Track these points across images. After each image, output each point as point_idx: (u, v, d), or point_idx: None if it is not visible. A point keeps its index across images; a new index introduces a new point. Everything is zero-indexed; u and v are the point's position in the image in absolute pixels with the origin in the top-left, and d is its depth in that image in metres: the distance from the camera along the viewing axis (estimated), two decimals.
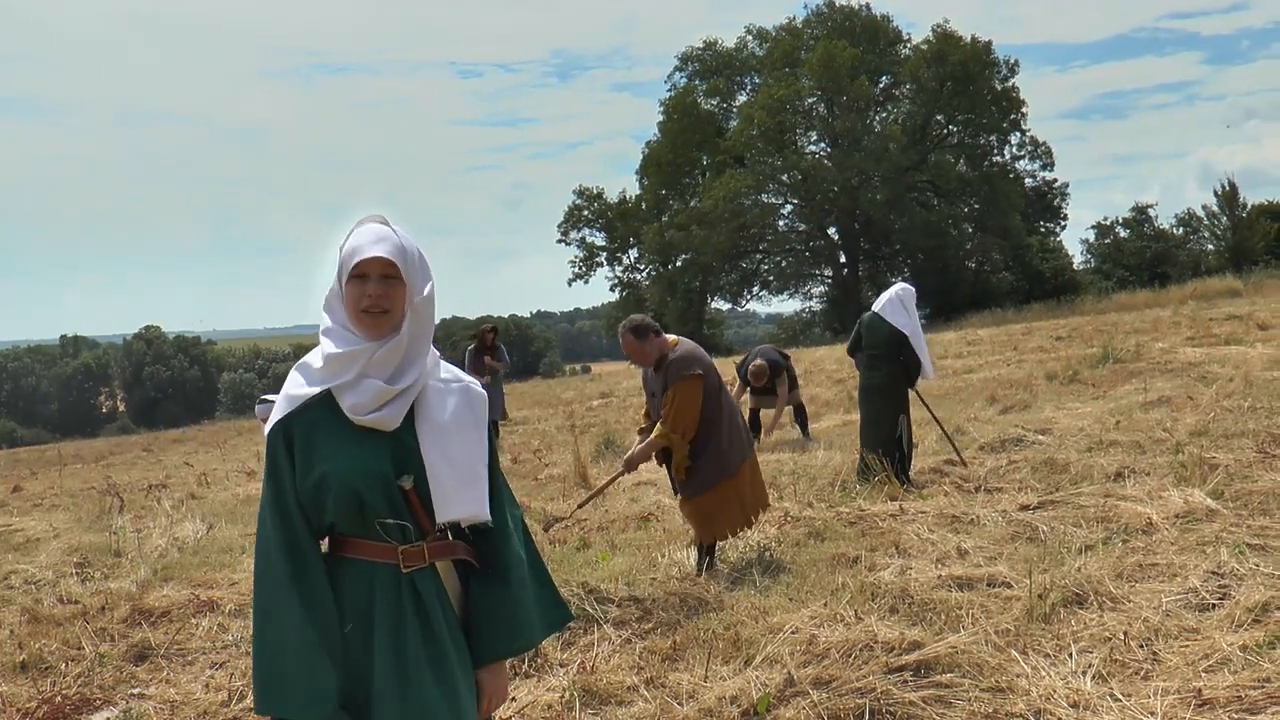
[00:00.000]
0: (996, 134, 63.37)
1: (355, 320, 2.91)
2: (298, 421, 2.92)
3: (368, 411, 2.90)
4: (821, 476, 10.95)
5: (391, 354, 2.91)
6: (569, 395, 31.23)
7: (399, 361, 2.93)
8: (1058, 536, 7.78)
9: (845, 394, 19.96)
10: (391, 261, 2.88)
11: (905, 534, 8.23)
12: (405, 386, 2.93)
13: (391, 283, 2.90)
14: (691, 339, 7.97)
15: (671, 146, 65.52)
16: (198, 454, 26.36)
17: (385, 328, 2.91)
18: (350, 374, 2.89)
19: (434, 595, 2.97)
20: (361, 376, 2.89)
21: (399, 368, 2.93)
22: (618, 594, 6.90)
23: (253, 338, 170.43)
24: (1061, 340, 26.14)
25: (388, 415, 2.91)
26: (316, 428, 2.91)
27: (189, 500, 14.48)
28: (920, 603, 6.39)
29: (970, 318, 44.73)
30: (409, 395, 2.95)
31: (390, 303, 2.90)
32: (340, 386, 2.90)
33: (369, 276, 2.89)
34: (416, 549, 2.95)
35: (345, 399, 2.90)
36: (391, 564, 2.93)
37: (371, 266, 2.89)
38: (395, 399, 2.92)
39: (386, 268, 2.89)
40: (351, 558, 2.94)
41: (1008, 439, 11.86)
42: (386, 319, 2.90)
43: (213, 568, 9.08)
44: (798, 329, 66.58)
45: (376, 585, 2.92)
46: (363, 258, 2.88)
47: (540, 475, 13.90)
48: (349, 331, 2.93)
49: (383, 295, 2.89)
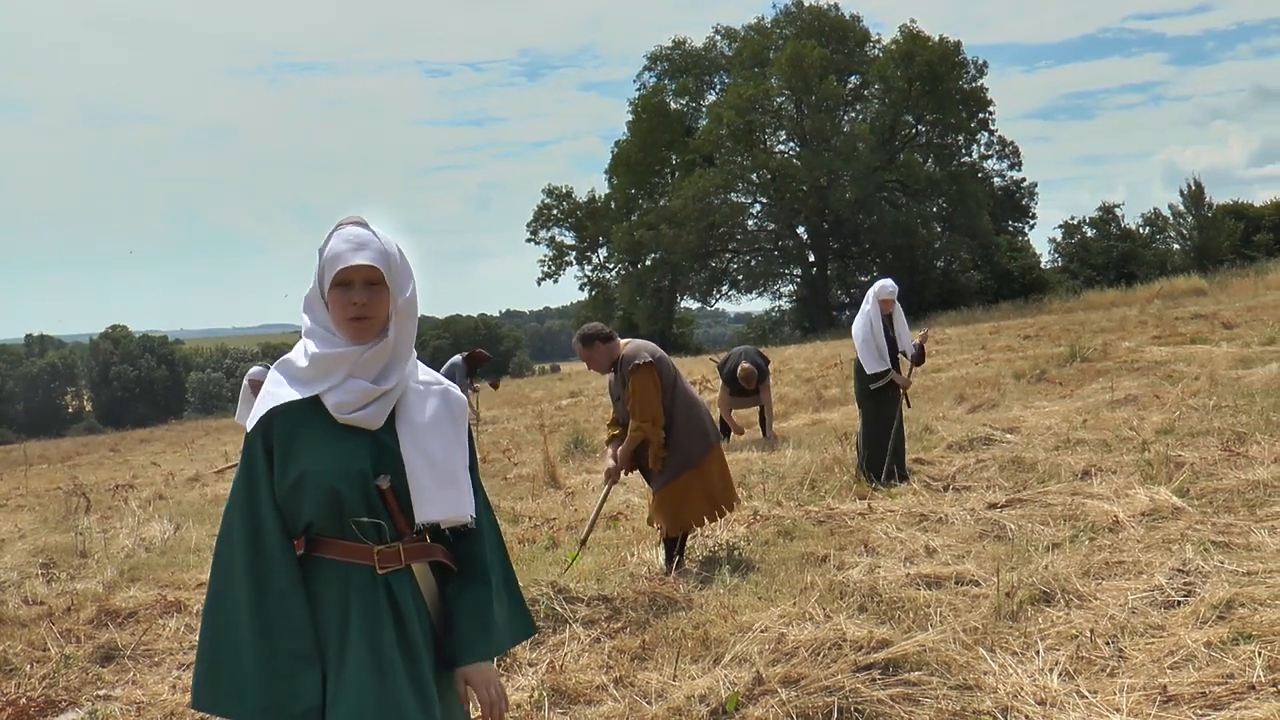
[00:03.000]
0: (965, 134, 63.69)
1: (341, 327, 2.89)
2: (279, 420, 2.90)
3: (352, 410, 2.88)
4: (790, 475, 10.97)
5: (378, 356, 2.90)
6: (538, 395, 31.19)
7: (385, 363, 2.92)
8: (1025, 535, 7.82)
9: (814, 393, 20.03)
10: (375, 268, 2.86)
11: (874, 532, 8.26)
12: (390, 387, 2.92)
13: (375, 289, 2.87)
14: (660, 339, 8.00)
15: (640, 146, 65.54)
16: (165, 454, 26.21)
17: (370, 332, 2.90)
18: (335, 378, 2.88)
19: (410, 598, 2.95)
20: (348, 377, 2.89)
21: (385, 369, 2.92)
22: (587, 593, 6.89)
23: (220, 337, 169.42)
24: (1029, 339, 26.27)
25: (371, 414, 2.90)
26: (299, 426, 2.89)
27: (156, 500, 14.40)
28: (889, 601, 6.41)
29: (939, 317, 44.87)
30: (393, 395, 2.94)
31: (375, 309, 2.88)
32: (325, 389, 2.89)
33: (353, 284, 2.86)
34: (392, 550, 2.92)
35: (330, 397, 2.88)
36: (367, 565, 2.90)
37: (354, 274, 2.86)
38: (380, 398, 2.91)
39: (370, 274, 2.86)
40: (327, 558, 2.91)
41: (976, 438, 11.91)
42: (371, 324, 2.89)
43: (180, 568, 9.03)
44: (767, 328, 66.67)
45: (352, 587, 2.89)
46: (345, 265, 2.85)
47: (509, 475, 13.87)
48: (331, 334, 2.91)
49: (369, 303, 2.87)
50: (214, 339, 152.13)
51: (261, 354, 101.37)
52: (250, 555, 2.85)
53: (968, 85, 62.29)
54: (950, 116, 61.85)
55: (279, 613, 2.84)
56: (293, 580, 2.87)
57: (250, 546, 2.85)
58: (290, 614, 2.85)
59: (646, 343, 7.91)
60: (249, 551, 2.85)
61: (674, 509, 7.75)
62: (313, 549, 2.92)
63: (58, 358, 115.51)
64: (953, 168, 62.81)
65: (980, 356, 23.33)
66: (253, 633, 2.82)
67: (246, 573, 2.84)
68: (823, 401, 18.84)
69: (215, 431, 33.20)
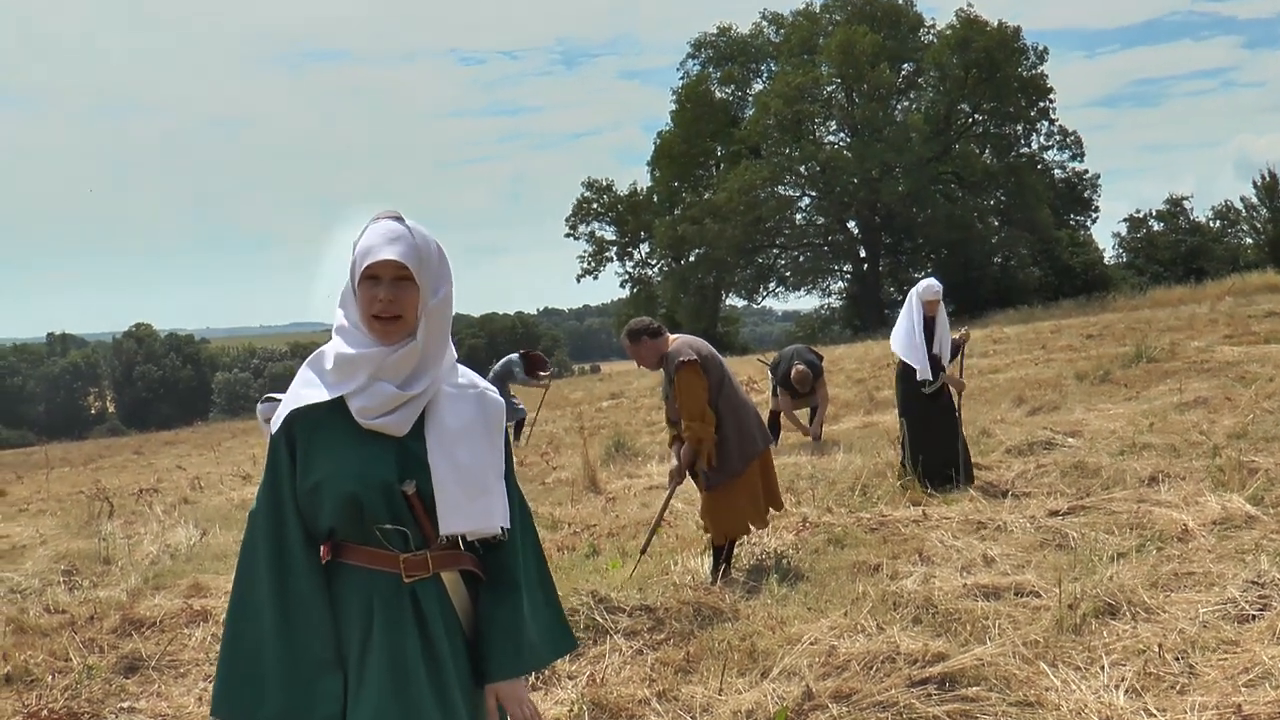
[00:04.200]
0: (1023, 123, 63.14)
1: (367, 325, 2.89)
2: (301, 422, 2.90)
3: (376, 415, 2.88)
4: (841, 480, 10.93)
5: (405, 360, 2.88)
6: (577, 396, 31.22)
7: (413, 367, 2.90)
8: (1089, 544, 7.75)
9: (865, 394, 19.96)
10: (403, 264, 2.85)
11: (929, 541, 8.22)
12: (418, 392, 2.90)
13: (404, 285, 2.86)
14: (704, 338, 8.00)
15: (684, 137, 65.45)
16: (191, 456, 26.42)
17: (398, 333, 2.88)
18: (360, 380, 2.87)
19: (436, 608, 2.95)
20: (373, 380, 2.88)
21: (413, 373, 2.91)
22: (629, 603, 6.88)
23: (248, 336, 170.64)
24: (1092, 338, 26.06)
25: (396, 420, 2.89)
26: (320, 429, 2.90)
27: (181, 505, 14.49)
28: (945, 613, 6.37)
29: (996, 315, 44.55)
30: (420, 401, 2.92)
31: (402, 307, 2.86)
32: (350, 392, 2.88)
33: (380, 279, 2.86)
34: (419, 558, 2.93)
35: (354, 401, 2.88)
36: (393, 573, 2.91)
37: (383, 269, 2.85)
38: (406, 404, 2.90)
39: (398, 270, 2.85)
40: (352, 565, 2.92)
41: (1036, 442, 11.82)
42: (399, 325, 2.87)
43: (206, 575, 9.10)
44: (816, 327, 66.44)
45: (376, 595, 2.90)
46: (374, 260, 2.85)
47: (548, 479, 13.90)
48: (361, 332, 2.90)
49: (394, 300, 2.85)
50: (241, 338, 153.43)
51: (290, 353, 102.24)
52: (274, 560, 2.86)
53: (1027, 72, 61.80)
54: (1008, 105, 61.38)
55: (301, 618, 2.85)
56: (316, 586, 2.88)
57: (274, 551, 2.87)
58: (313, 620, 2.86)
59: (693, 339, 7.91)
60: (272, 556, 2.87)
61: (720, 515, 7.75)
62: (337, 555, 2.93)
63: (80, 357, 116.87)
64: (1011, 159, 62.34)
65: (1040, 356, 23.17)
66: (274, 638, 2.84)
67: (269, 577, 2.86)
68: (875, 403, 18.75)
69: (243, 434, 33.43)
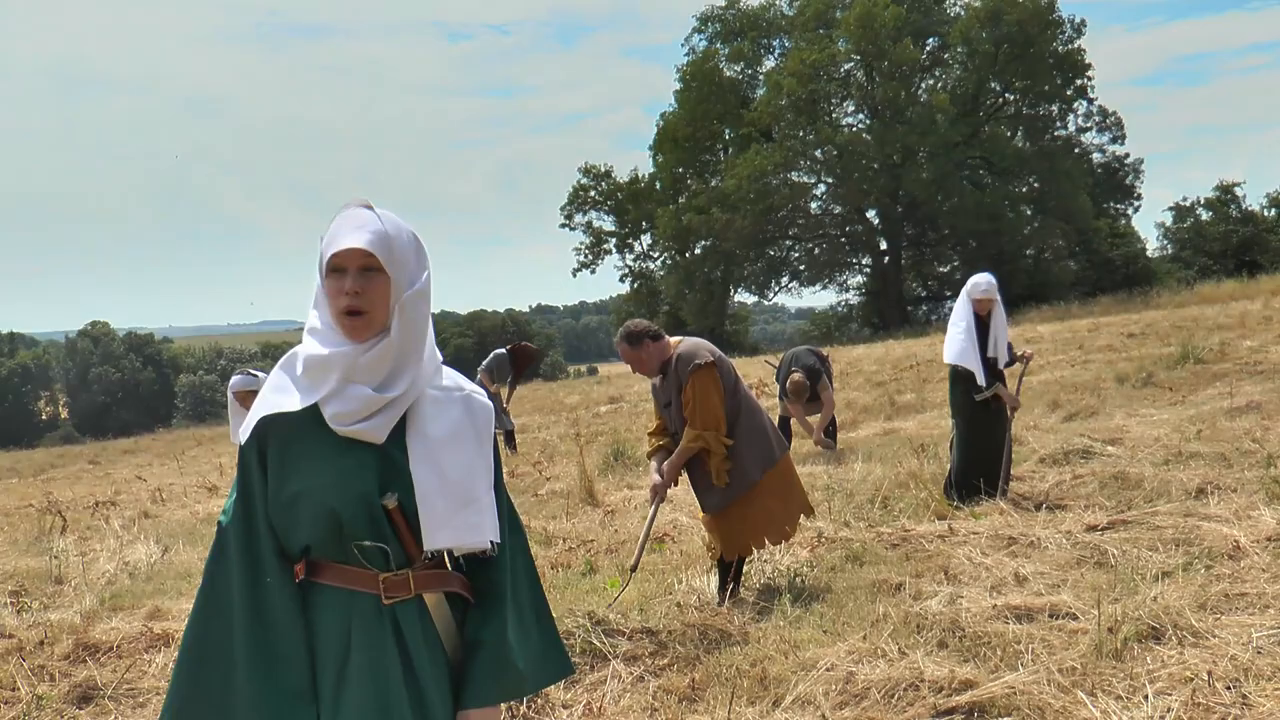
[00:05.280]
0: (1059, 103, 63.20)
1: (337, 321, 2.87)
2: (273, 430, 2.89)
3: (352, 421, 2.85)
4: (859, 492, 10.92)
5: (379, 359, 2.86)
6: (573, 400, 31.24)
7: (390, 367, 2.88)
8: (1130, 561, 7.74)
9: (886, 398, 19.95)
10: (369, 253, 2.83)
11: (955, 558, 8.21)
12: (396, 395, 2.88)
13: (372, 277, 2.84)
14: (710, 337, 7.99)
15: (689, 119, 65.55)
16: (151, 466, 26.44)
17: (369, 330, 2.86)
18: (330, 383, 2.85)
19: (418, 632, 2.93)
20: (347, 383, 2.85)
21: (390, 374, 2.88)
22: (629, 625, 6.88)
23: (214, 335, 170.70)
24: (1134, 338, 26.08)
25: (374, 426, 2.87)
26: (294, 438, 2.88)
27: (141, 519, 14.49)
28: (973, 636, 6.36)
29: (1029, 313, 44.57)
30: (400, 404, 2.90)
31: (370, 301, 2.84)
32: (323, 396, 2.87)
33: (346, 271, 2.84)
34: (400, 578, 2.91)
35: (328, 406, 2.86)
36: (372, 594, 2.89)
37: (348, 259, 2.84)
38: (384, 408, 2.88)
39: (365, 259, 2.83)
40: (328, 585, 2.90)
41: (1072, 450, 11.81)
42: (368, 320, 2.86)
43: (168, 596, 9.09)
44: (832, 325, 66.56)
45: (354, 617, 2.89)
46: (338, 249, 2.83)
47: (541, 491, 13.90)
48: (333, 331, 2.89)
49: (361, 292, 2.83)
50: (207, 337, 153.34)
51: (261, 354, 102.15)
52: (246, 578, 2.85)
53: (1062, 47, 61.80)
54: (1042, 83, 61.35)
55: (275, 645, 2.84)
56: (292, 609, 2.87)
57: (247, 568, 2.86)
58: (288, 646, 2.85)
59: (703, 341, 7.88)
60: (245, 574, 2.85)
61: (732, 530, 7.72)
62: (312, 574, 2.91)
63: (30, 358, 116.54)
64: (1045, 142, 62.36)
65: (1077, 357, 23.18)
66: (245, 664, 2.82)
67: (242, 598, 2.84)
68: (896, 409, 18.76)
69: (209, 441, 33.46)
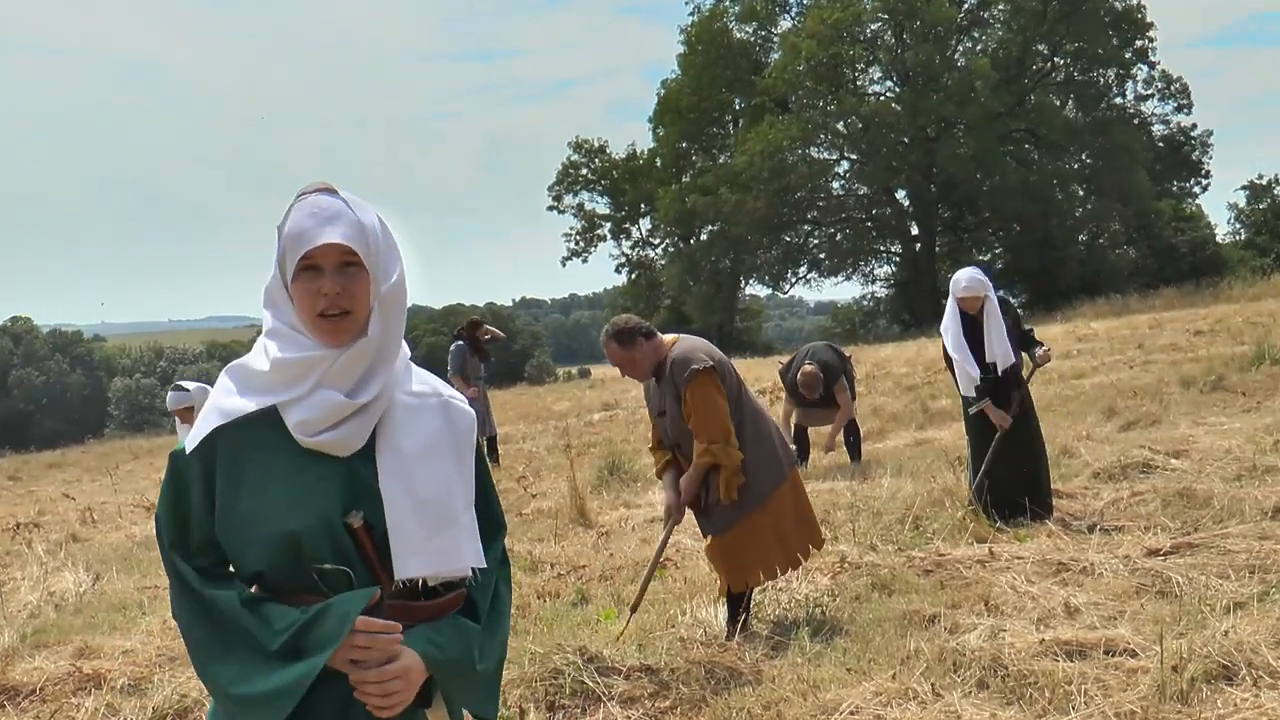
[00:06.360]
0: (1116, 67, 63.22)
1: (311, 325, 2.86)
2: (224, 440, 2.86)
3: (319, 431, 2.84)
4: (888, 511, 10.91)
5: (355, 361, 2.85)
6: (562, 406, 31.24)
7: (364, 369, 2.87)
8: (1197, 590, 7.74)
9: (918, 404, 19.96)
10: (349, 248, 2.82)
11: (997, 586, 8.21)
12: (368, 401, 2.87)
13: (352, 273, 2.84)
14: (718, 335, 8.00)
15: (694, 86, 65.51)
16: (81, 483, 26.38)
17: (349, 331, 2.86)
18: (304, 387, 2.83)
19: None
20: (316, 388, 2.84)
21: (364, 376, 2.88)
22: (626, 663, 6.88)
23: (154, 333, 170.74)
24: (1201, 335, 26.10)
25: (344, 436, 2.85)
26: (248, 449, 2.85)
27: (69, 543, 14.49)
28: (1017, 676, 6.36)
29: (1081, 307, 44.61)
30: (373, 411, 2.89)
31: (352, 300, 2.84)
32: (288, 400, 2.85)
33: (322, 269, 2.83)
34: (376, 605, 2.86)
35: (292, 413, 2.84)
36: None
37: (325, 256, 2.83)
38: (355, 415, 2.86)
39: (344, 255, 2.83)
40: None
41: (1131, 464, 11.82)
42: (349, 321, 2.85)
43: (100, 631, 9.07)
44: (857, 321, 66.57)
45: None
46: (313, 246, 2.81)
47: (526, 510, 13.86)
48: (299, 334, 2.87)
49: (342, 293, 2.83)
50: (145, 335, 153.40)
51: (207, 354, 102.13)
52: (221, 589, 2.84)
53: (1120, 3, 61.88)
54: (1097, 45, 61.35)
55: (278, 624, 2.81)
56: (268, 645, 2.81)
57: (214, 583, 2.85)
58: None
59: (700, 341, 7.87)
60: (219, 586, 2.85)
61: (737, 557, 7.70)
62: None
63: None
64: (1099, 112, 62.37)
65: (1136, 358, 23.19)
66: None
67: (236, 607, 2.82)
68: (929, 416, 18.77)
69: (147, 454, 33.36)
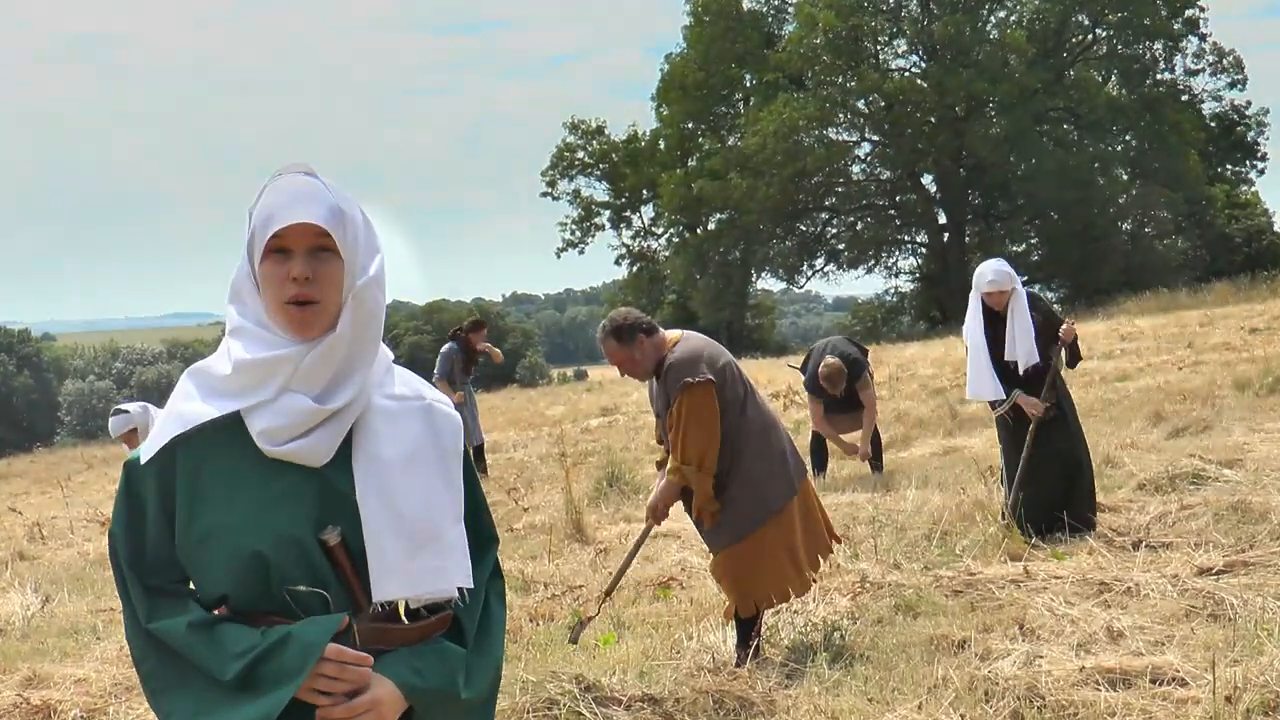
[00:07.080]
0: (1163, 40, 63.15)
1: (279, 314, 2.84)
2: (183, 451, 2.84)
3: (285, 439, 2.81)
4: (913, 526, 10.91)
5: (325, 360, 2.83)
6: (557, 412, 31.27)
7: (334, 371, 2.85)
8: (1253, 613, 7.73)
9: (946, 409, 19.94)
10: (323, 229, 2.81)
11: (1033, 608, 8.20)
12: (342, 405, 2.84)
13: (324, 258, 2.82)
14: (728, 333, 7.97)
15: (701, 61, 65.47)
16: (29, 495, 26.41)
17: (319, 324, 2.84)
18: (269, 391, 2.81)
19: None
20: (283, 391, 2.82)
21: (335, 379, 2.85)
22: (627, 692, 6.88)
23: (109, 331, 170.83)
24: (1258, 333, 26.10)
25: (314, 445, 2.83)
26: (209, 461, 2.84)
27: (16, 561, 14.50)
28: (1054, 706, 6.37)
29: (1125, 302, 44.62)
30: (345, 418, 2.86)
31: (322, 289, 2.82)
32: (252, 406, 2.82)
33: (292, 252, 2.82)
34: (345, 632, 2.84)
35: (256, 420, 2.81)
36: None
37: (296, 237, 2.81)
38: (326, 422, 2.84)
39: (317, 238, 2.81)
40: None
41: (1180, 474, 11.79)
42: (318, 312, 2.83)
43: (50, 658, 9.07)
44: (879, 318, 66.54)
45: None
46: (282, 225, 2.80)
47: (518, 524, 13.85)
48: (267, 330, 2.85)
49: (312, 279, 2.81)
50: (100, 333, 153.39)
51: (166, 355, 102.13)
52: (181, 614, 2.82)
53: None
54: (1143, 15, 61.24)
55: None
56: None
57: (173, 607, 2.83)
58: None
59: (704, 341, 7.79)
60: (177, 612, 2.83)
61: (744, 578, 7.68)
62: None
63: None
64: (1145, 89, 62.34)
65: (1186, 358, 23.19)
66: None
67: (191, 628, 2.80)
68: (958, 422, 18.76)
69: (100, 463, 33.39)
